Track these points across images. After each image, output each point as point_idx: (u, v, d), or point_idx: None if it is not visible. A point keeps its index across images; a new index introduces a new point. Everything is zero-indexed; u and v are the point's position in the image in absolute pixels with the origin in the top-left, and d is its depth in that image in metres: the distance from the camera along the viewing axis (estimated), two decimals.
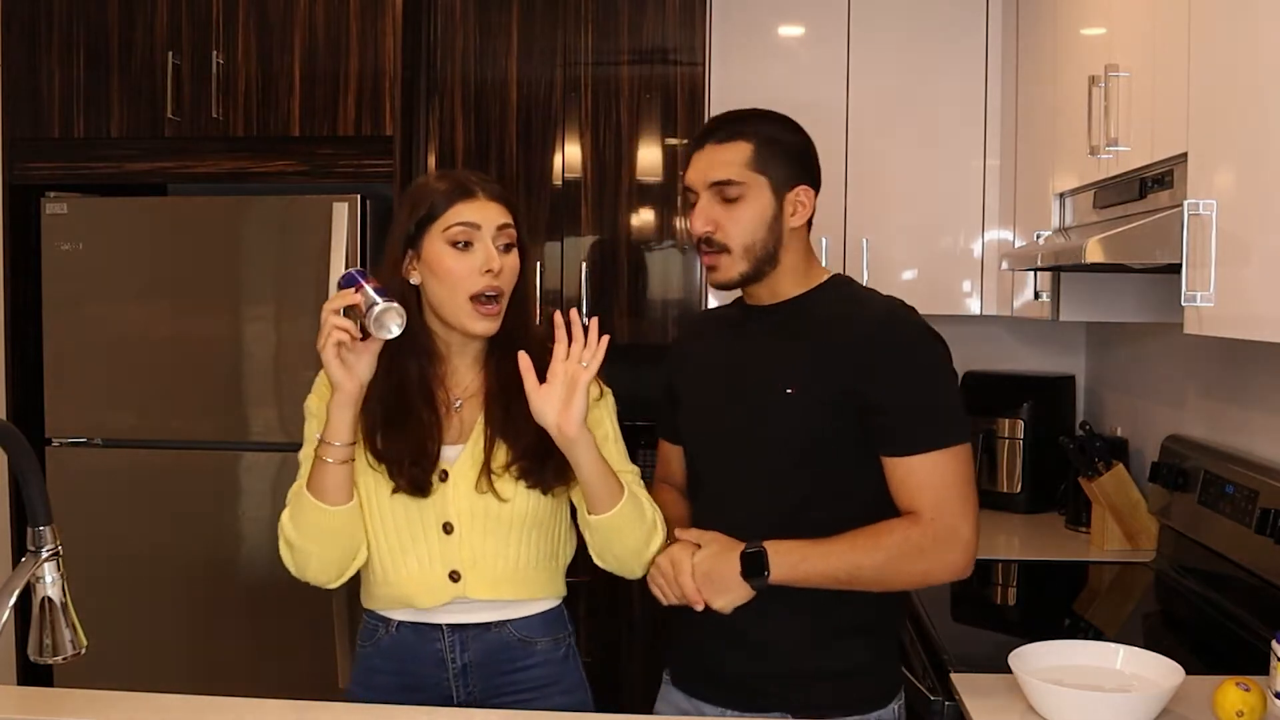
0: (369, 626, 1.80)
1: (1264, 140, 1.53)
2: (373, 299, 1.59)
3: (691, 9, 3.26)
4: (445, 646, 1.74)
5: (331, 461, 1.62)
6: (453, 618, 1.73)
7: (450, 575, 1.71)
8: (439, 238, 1.67)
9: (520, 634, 1.76)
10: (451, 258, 1.66)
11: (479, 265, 1.66)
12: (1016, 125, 3.07)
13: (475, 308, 1.67)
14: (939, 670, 1.96)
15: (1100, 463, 2.83)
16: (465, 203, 1.68)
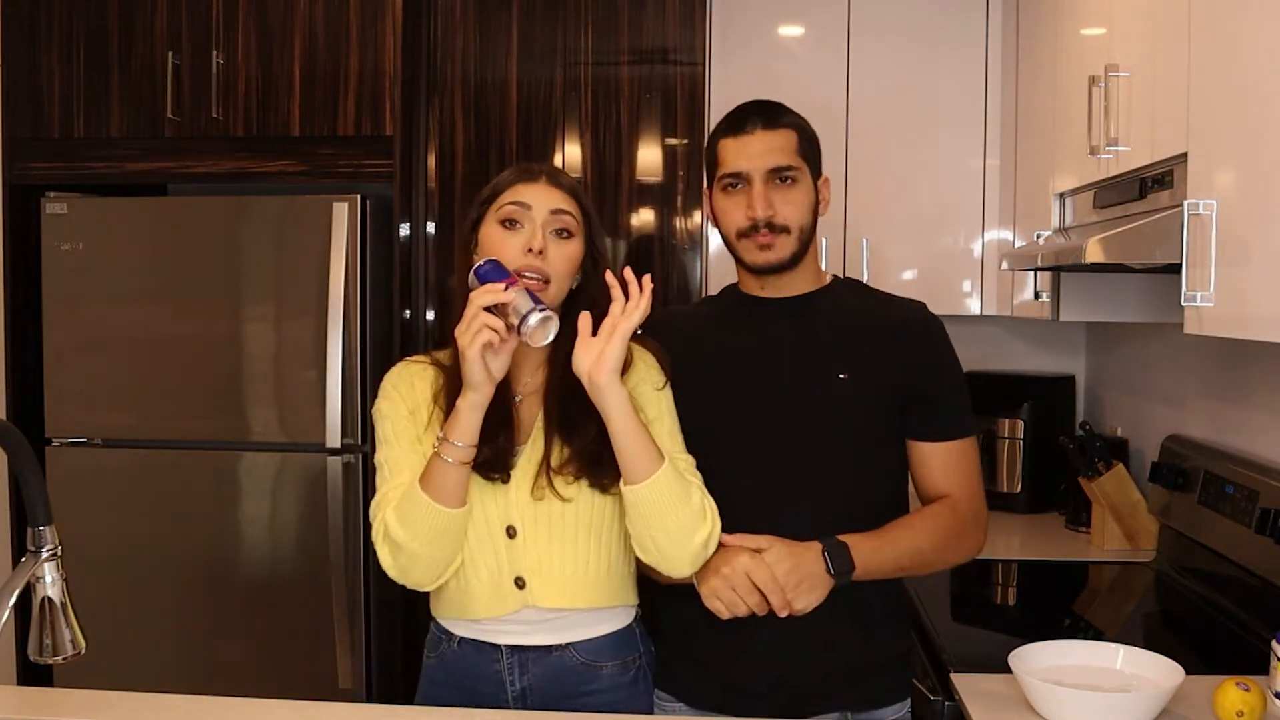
0: (435, 637, 1.77)
1: (1264, 140, 1.53)
2: (529, 304, 1.55)
3: (691, 9, 3.26)
4: (504, 668, 1.69)
5: (453, 461, 1.56)
6: (513, 638, 1.68)
7: (516, 581, 1.66)
8: (493, 216, 1.68)
9: (584, 657, 1.69)
10: (499, 235, 1.66)
11: (523, 243, 1.64)
12: (1016, 125, 3.07)
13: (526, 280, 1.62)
14: (939, 670, 1.96)
15: (1100, 463, 2.83)
16: (523, 184, 1.67)
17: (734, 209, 1.78)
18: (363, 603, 3.11)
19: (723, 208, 1.80)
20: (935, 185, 3.31)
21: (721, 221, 1.82)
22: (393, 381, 1.73)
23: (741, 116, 1.82)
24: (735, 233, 1.78)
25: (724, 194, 1.79)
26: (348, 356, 3.04)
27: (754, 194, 1.75)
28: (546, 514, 1.66)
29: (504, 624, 1.68)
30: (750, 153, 1.77)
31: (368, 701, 3.13)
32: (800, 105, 3.49)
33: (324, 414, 3.04)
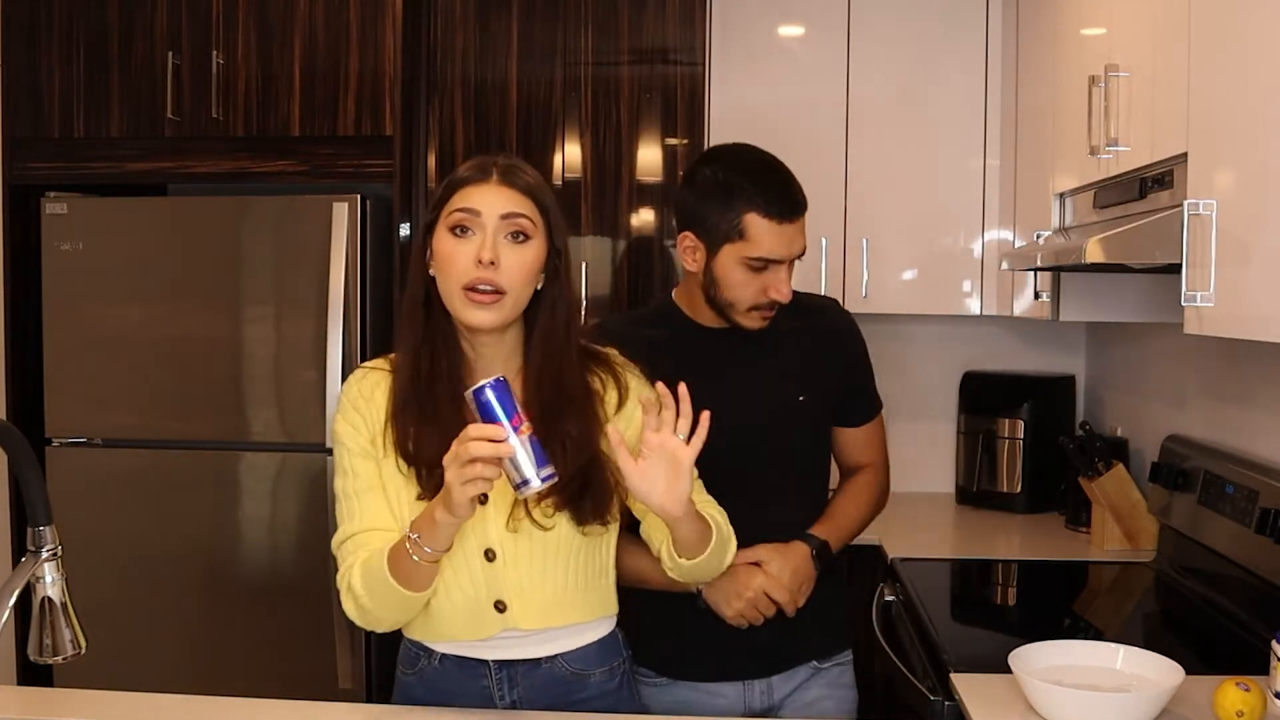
0: (410, 653, 1.70)
1: (1264, 140, 1.53)
2: (533, 466, 1.41)
3: (691, 9, 3.26)
4: (492, 684, 1.64)
5: (423, 562, 1.48)
6: (499, 653, 1.63)
7: (496, 605, 1.60)
8: (443, 223, 1.56)
9: (573, 667, 1.66)
10: (450, 245, 1.54)
11: (473, 254, 1.53)
12: (1016, 125, 3.07)
13: (467, 296, 1.53)
14: (939, 670, 1.96)
15: (1100, 463, 2.83)
16: (473, 187, 1.56)
17: (750, 285, 1.82)
18: None
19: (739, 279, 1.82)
20: (935, 185, 3.30)
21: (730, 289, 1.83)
22: (350, 398, 1.63)
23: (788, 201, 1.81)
24: (749, 305, 1.84)
25: (744, 268, 1.81)
26: (348, 356, 3.04)
27: (781, 279, 1.82)
28: (527, 536, 1.59)
29: (487, 642, 1.64)
30: (788, 242, 1.81)
31: (368, 701, 3.13)
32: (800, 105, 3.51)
33: (324, 414, 3.04)
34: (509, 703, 1.65)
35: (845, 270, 3.26)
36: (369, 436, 1.61)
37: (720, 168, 1.83)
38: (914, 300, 3.34)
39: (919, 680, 2.06)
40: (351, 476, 1.62)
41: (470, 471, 1.38)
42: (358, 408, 1.62)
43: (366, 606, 1.57)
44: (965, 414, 3.46)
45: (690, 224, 1.84)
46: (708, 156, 1.93)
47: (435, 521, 1.46)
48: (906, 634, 2.31)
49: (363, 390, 1.63)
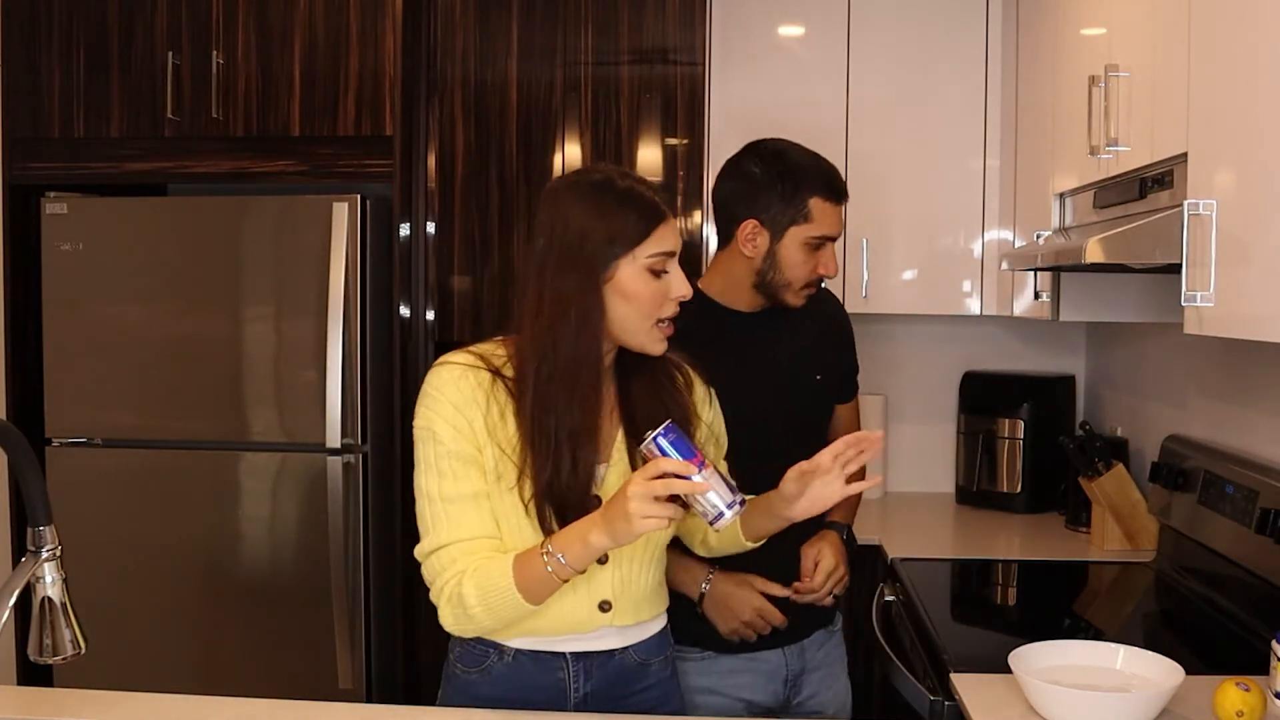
0: (475, 652, 1.67)
1: (1264, 140, 1.53)
2: (728, 497, 1.46)
3: (691, 9, 3.26)
4: (568, 676, 1.65)
5: (558, 578, 1.50)
6: (578, 646, 1.65)
7: (601, 606, 1.63)
8: (638, 263, 1.56)
9: (639, 658, 1.70)
10: (648, 285, 1.57)
11: (673, 292, 1.59)
12: (1016, 125, 3.07)
13: (659, 328, 1.60)
14: (939, 670, 1.96)
15: (1100, 463, 2.83)
16: (664, 227, 1.59)
17: (808, 263, 2.00)
18: (363, 603, 3.11)
19: (800, 259, 2.00)
20: (935, 185, 3.31)
21: (790, 269, 2.00)
22: (453, 398, 1.58)
23: (840, 184, 2.03)
24: (803, 283, 2.02)
25: (805, 248, 1.99)
26: (348, 356, 3.04)
27: (831, 256, 2.02)
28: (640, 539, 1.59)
29: (570, 636, 1.65)
30: (840, 222, 2.03)
31: (368, 701, 3.13)
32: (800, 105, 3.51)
33: (324, 414, 3.04)
34: (582, 695, 1.66)
35: (845, 270, 3.26)
36: (477, 443, 1.57)
37: (774, 161, 2.01)
38: (914, 300, 3.34)
39: (919, 680, 2.06)
40: (452, 479, 1.57)
41: (656, 509, 1.43)
42: (463, 410, 1.57)
43: (477, 616, 1.54)
44: (965, 414, 3.46)
45: (752, 213, 2.00)
46: (751, 152, 2.05)
47: (588, 544, 1.48)
48: (906, 634, 2.31)
49: (464, 391, 1.58)
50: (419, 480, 1.60)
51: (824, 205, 1.98)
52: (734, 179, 2.03)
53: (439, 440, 1.57)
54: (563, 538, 1.50)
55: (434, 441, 1.58)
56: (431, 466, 1.58)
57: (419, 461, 1.60)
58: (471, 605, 1.53)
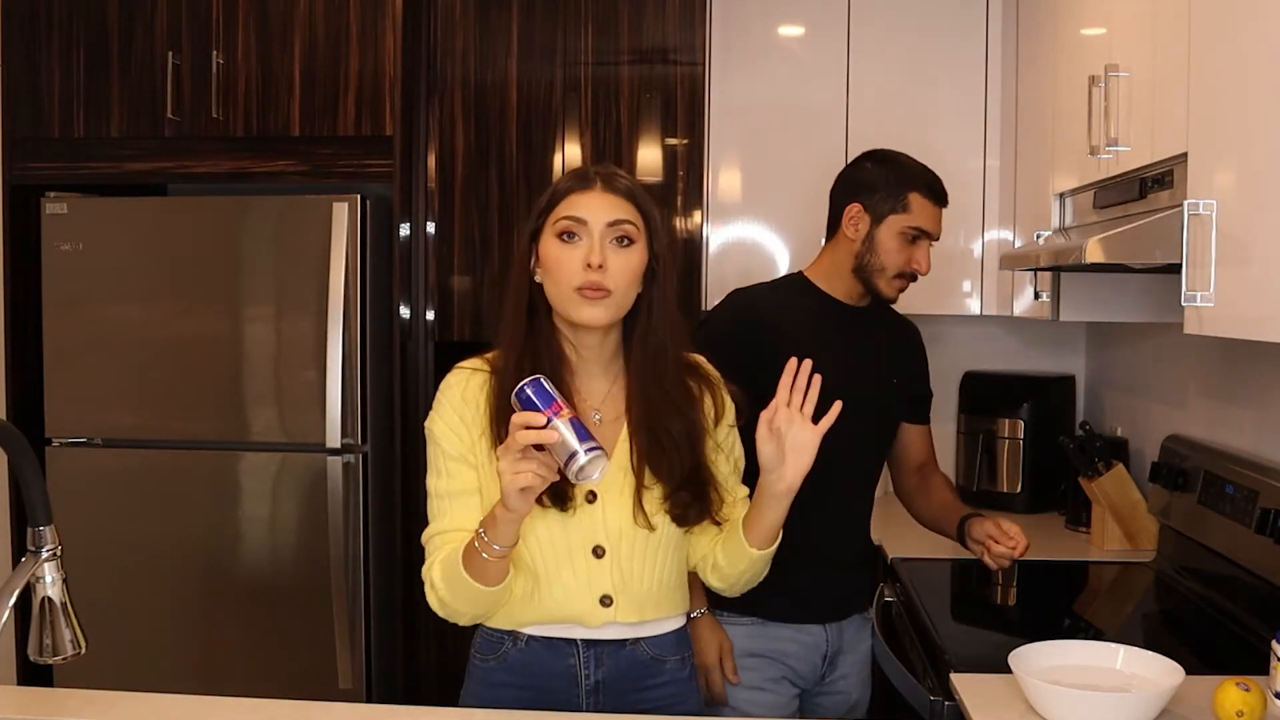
0: (490, 640, 1.73)
1: (1264, 140, 1.53)
2: (575, 442, 1.42)
3: (691, 9, 3.26)
4: (579, 663, 1.68)
5: (492, 559, 1.53)
6: (589, 634, 1.68)
7: (602, 600, 1.65)
8: (550, 230, 1.62)
9: (652, 652, 1.71)
10: (556, 250, 1.61)
11: (581, 258, 1.59)
12: (1016, 125, 3.07)
13: (579, 293, 1.59)
14: (939, 670, 1.96)
15: (1100, 463, 2.83)
16: (578, 195, 1.63)
17: (902, 253, 2.19)
18: (363, 603, 3.11)
19: (895, 246, 2.19)
20: None
21: (885, 255, 2.19)
22: (451, 399, 1.66)
23: (942, 189, 2.24)
24: (895, 270, 2.19)
25: (901, 237, 2.19)
26: (348, 356, 3.05)
27: (925, 253, 2.22)
28: (634, 534, 1.65)
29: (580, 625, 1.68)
30: (938, 221, 2.25)
31: (368, 701, 3.13)
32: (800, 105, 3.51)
33: (324, 414, 3.04)
34: (593, 683, 1.68)
35: None
36: (469, 441, 1.64)
37: (888, 163, 2.23)
38: (914, 300, 3.31)
39: (919, 680, 2.06)
40: (446, 477, 1.65)
41: (521, 465, 1.43)
42: (459, 411, 1.65)
43: (445, 600, 1.62)
44: (965, 414, 3.46)
45: (859, 197, 2.20)
46: (869, 155, 2.28)
47: (495, 517, 1.50)
48: (906, 634, 2.31)
49: (465, 394, 1.65)
50: (426, 480, 1.68)
51: (923, 201, 2.19)
52: (848, 174, 2.27)
53: (436, 440, 1.66)
54: (486, 517, 1.54)
55: (433, 442, 1.67)
56: (431, 466, 1.67)
57: (427, 461, 1.68)
58: (440, 588, 1.61)
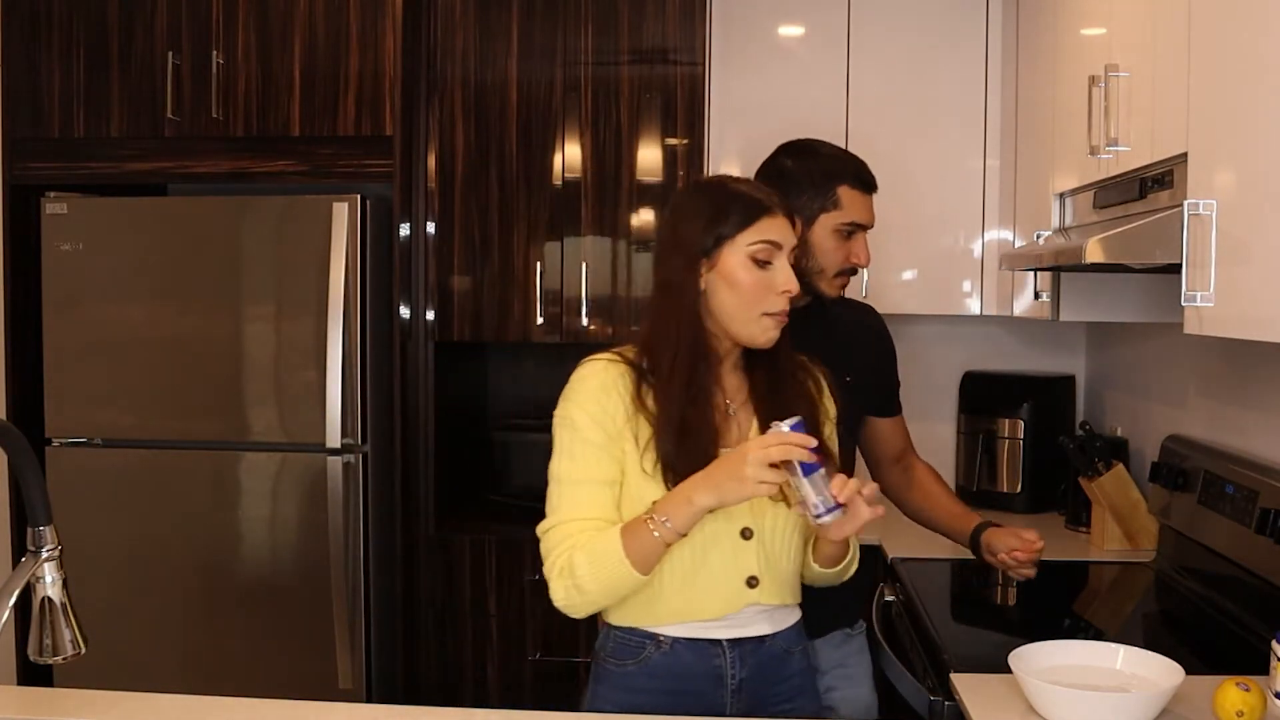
0: (630, 644, 1.72)
1: (1264, 140, 1.53)
2: (829, 502, 1.55)
3: (691, 9, 3.26)
4: (725, 663, 1.70)
5: (663, 540, 1.57)
6: (733, 632, 1.70)
7: (749, 581, 1.68)
8: (740, 251, 1.65)
9: (784, 645, 1.75)
10: (751, 274, 1.65)
11: (778, 284, 1.65)
12: (1016, 125, 3.07)
13: (768, 318, 1.66)
14: (939, 670, 1.96)
15: (1100, 463, 2.83)
16: (768, 220, 1.66)
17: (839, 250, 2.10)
18: (363, 603, 3.11)
19: (831, 245, 2.09)
20: (935, 185, 3.30)
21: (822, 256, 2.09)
22: (592, 390, 1.67)
23: (869, 176, 2.14)
24: (835, 269, 2.10)
25: (837, 235, 2.09)
26: (348, 356, 3.05)
27: (863, 246, 2.12)
28: (774, 514, 1.69)
29: (726, 620, 1.70)
30: (870, 210, 2.14)
31: (368, 701, 3.13)
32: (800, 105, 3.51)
33: (324, 414, 3.04)
34: (737, 681, 1.70)
35: None
36: (614, 431, 1.66)
37: (806, 156, 2.12)
38: (914, 300, 3.34)
39: (919, 680, 2.06)
40: (581, 464, 1.66)
41: (770, 474, 1.51)
42: (600, 400, 1.66)
43: (586, 588, 1.61)
44: (965, 414, 3.46)
45: None
46: (783, 150, 2.16)
47: (692, 503, 1.55)
48: (906, 634, 2.31)
49: (605, 384, 1.67)
50: (551, 466, 1.69)
51: (853, 193, 2.10)
52: (768, 176, 2.11)
53: (577, 428, 1.66)
54: (667, 502, 1.58)
55: (571, 428, 1.67)
56: (565, 451, 1.67)
57: (554, 448, 1.69)
58: (581, 574, 1.60)
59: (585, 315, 3.28)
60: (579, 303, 3.28)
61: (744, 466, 1.51)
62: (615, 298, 3.30)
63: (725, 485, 1.54)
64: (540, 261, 3.29)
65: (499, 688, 3.26)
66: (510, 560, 3.24)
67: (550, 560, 1.64)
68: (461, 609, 3.27)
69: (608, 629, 1.75)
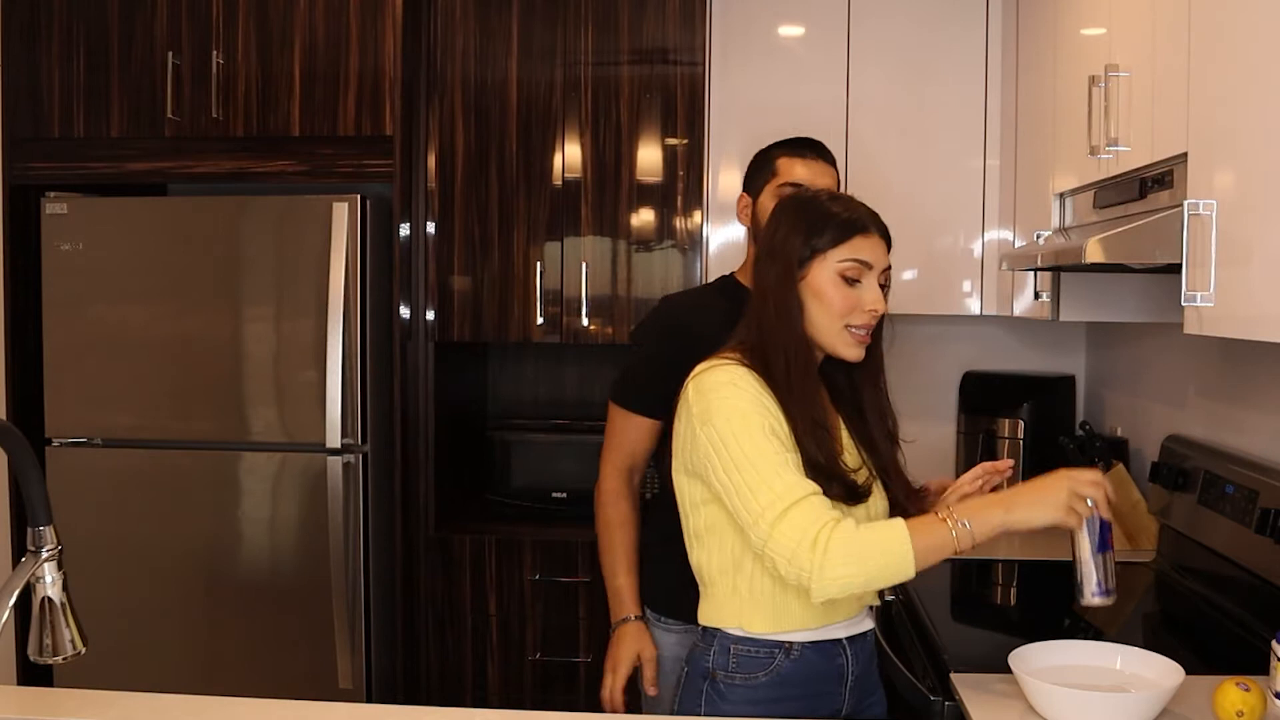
0: (756, 656, 1.71)
1: (1264, 140, 1.53)
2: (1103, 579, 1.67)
3: (691, 9, 3.26)
4: (846, 660, 1.76)
5: (957, 542, 1.57)
6: (849, 630, 1.75)
7: None
8: (831, 266, 1.70)
9: (873, 637, 1.84)
10: (839, 290, 1.69)
11: (865, 303, 1.69)
12: (1016, 125, 3.07)
13: (850, 331, 1.70)
14: (939, 670, 1.96)
15: (1100, 463, 2.83)
16: (862, 238, 1.72)
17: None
18: (363, 603, 3.11)
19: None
20: (935, 185, 3.30)
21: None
22: (739, 383, 1.67)
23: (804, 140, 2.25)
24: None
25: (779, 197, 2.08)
26: (348, 356, 3.05)
27: None
28: (885, 514, 1.76)
29: (838, 623, 1.75)
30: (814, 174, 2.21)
31: (368, 701, 3.14)
32: (800, 105, 3.51)
33: (324, 414, 3.04)
34: (854, 676, 1.78)
35: None
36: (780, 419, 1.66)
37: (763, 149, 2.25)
38: (914, 300, 3.34)
39: (919, 680, 2.06)
40: (767, 437, 1.61)
41: (1083, 507, 1.58)
42: (760, 399, 1.66)
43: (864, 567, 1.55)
44: (965, 414, 3.46)
45: (743, 189, 2.27)
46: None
47: (1001, 514, 1.57)
48: (906, 634, 2.31)
49: (756, 384, 1.67)
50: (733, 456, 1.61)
51: (789, 160, 2.19)
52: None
53: (748, 416, 1.63)
54: (967, 509, 1.58)
55: (740, 417, 1.63)
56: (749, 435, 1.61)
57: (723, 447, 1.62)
58: (862, 552, 1.54)
59: (585, 315, 3.28)
60: (579, 303, 3.29)
61: (1061, 490, 1.56)
62: (615, 298, 3.30)
63: (1041, 505, 1.57)
64: (540, 261, 3.29)
65: (499, 688, 3.26)
66: (510, 560, 3.24)
67: (810, 539, 1.54)
68: (461, 609, 3.27)
69: (722, 645, 1.72)
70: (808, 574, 1.54)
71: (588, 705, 3.10)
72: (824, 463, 1.64)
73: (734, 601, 1.70)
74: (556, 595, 3.22)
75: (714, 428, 1.63)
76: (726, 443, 1.62)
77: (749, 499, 1.59)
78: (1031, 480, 1.61)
